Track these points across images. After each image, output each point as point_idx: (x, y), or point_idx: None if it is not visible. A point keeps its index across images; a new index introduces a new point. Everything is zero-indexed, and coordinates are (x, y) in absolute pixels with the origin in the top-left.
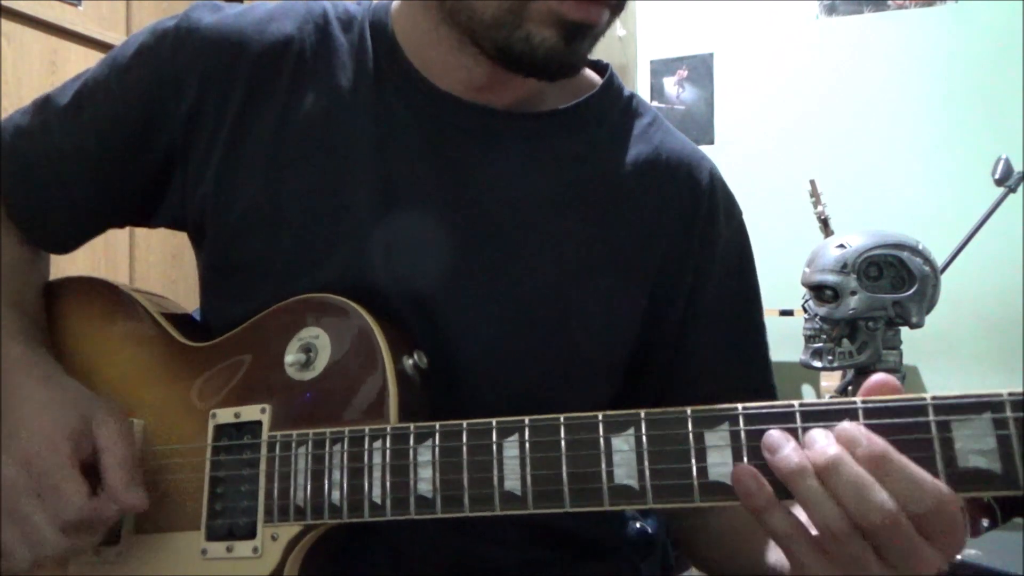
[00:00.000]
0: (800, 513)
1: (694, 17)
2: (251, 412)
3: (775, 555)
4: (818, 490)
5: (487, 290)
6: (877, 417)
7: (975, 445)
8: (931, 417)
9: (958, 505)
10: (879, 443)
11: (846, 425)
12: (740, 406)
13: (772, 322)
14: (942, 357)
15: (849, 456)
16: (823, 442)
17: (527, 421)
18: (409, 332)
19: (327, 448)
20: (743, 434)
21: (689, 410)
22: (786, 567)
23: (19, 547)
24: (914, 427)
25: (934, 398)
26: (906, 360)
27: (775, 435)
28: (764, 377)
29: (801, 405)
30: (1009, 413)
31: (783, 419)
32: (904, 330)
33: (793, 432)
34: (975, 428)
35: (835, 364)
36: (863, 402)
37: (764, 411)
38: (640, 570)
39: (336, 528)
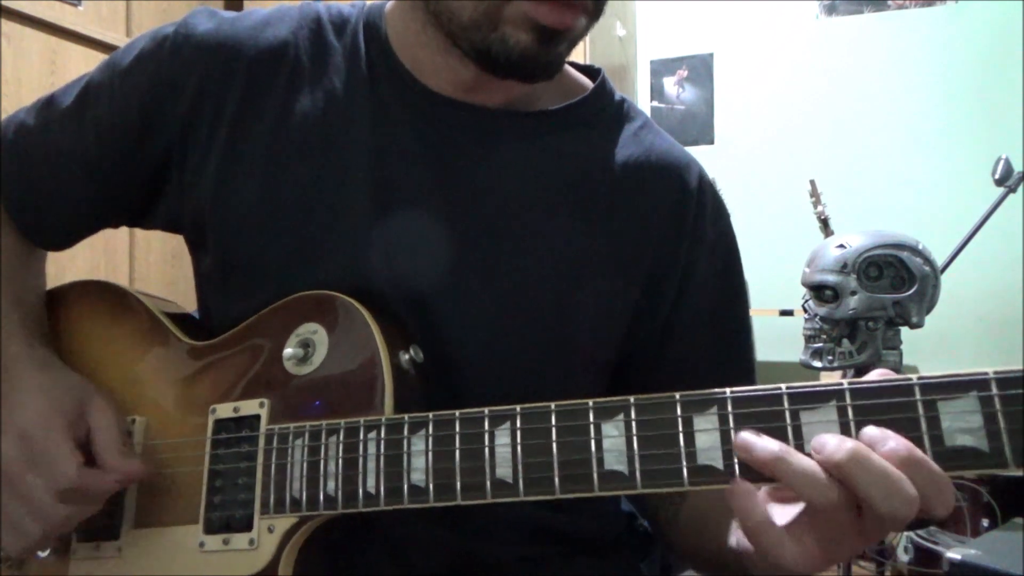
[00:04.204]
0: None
1: (694, 17)
2: (250, 406)
3: (736, 536)
4: (805, 464)
5: (482, 287)
6: (864, 398)
7: (962, 424)
8: (917, 397)
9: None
10: (904, 441)
11: (869, 429)
12: (728, 390)
13: (772, 322)
14: (942, 357)
15: (869, 449)
16: (835, 441)
17: (519, 409)
18: (405, 327)
19: (323, 440)
20: (731, 418)
21: (678, 395)
22: (747, 548)
23: (24, 520)
24: (901, 407)
25: (920, 378)
26: (906, 360)
27: (744, 436)
28: (747, 375)
29: (788, 387)
30: (995, 391)
31: (771, 402)
32: (904, 330)
33: (780, 415)
34: (961, 407)
35: (835, 364)
36: (850, 383)
37: (752, 394)
38: (640, 570)
39: (335, 524)
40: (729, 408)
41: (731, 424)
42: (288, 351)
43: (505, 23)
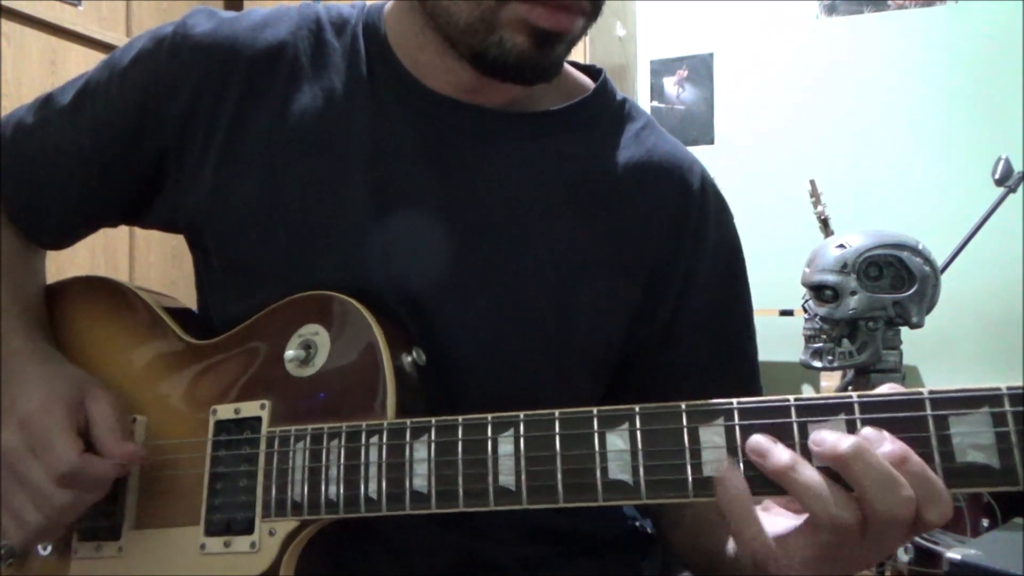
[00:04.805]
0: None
1: (694, 17)
2: (251, 408)
3: (732, 544)
4: (814, 478)
5: (482, 288)
6: (874, 412)
7: (973, 440)
8: (928, 412)
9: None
10: (900, 443)
11: (868, 429)
12: (735, 401)
13: (772, 322)
14: (942, 357)
15: (869, 445)
16: (833, 437)
17: (522, 416)
18: (407, 329)
19: (324, 443)
20: (738, 429)
21: (684, 405)
22: (741, 554)
23: (25, 508)
24: (911, 422)
25: (931, 392)
26: (906, 360)
27: (760, 440)
28: (750, 380)
29: (796, 400)
30: (1008, 407)
31: (778, 414)
32: (904, 330)
33: (788, 427)
34: (973, 423)
35: (835, 364)
36: (859, 396)
37: (759, 406)
38: (640, 569)
39: (335, 526)
40: (736, 419)
41: (737, 435)
42: (290, 353)
43: (502, 26)
